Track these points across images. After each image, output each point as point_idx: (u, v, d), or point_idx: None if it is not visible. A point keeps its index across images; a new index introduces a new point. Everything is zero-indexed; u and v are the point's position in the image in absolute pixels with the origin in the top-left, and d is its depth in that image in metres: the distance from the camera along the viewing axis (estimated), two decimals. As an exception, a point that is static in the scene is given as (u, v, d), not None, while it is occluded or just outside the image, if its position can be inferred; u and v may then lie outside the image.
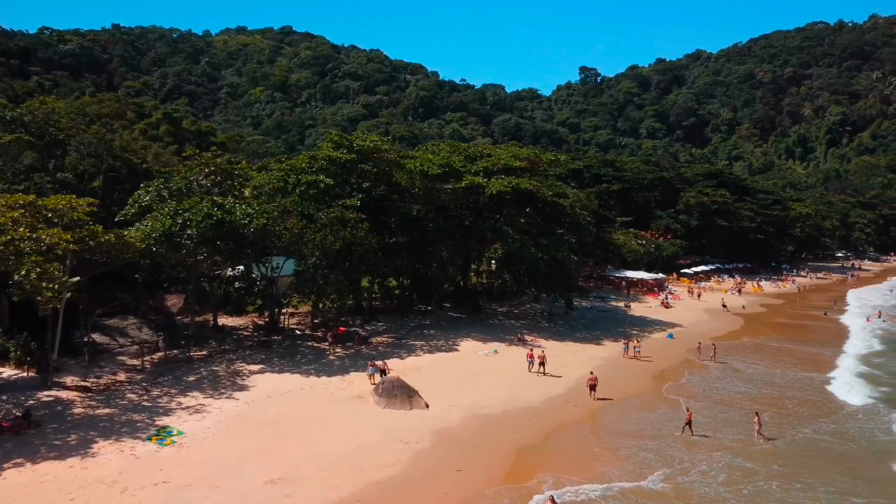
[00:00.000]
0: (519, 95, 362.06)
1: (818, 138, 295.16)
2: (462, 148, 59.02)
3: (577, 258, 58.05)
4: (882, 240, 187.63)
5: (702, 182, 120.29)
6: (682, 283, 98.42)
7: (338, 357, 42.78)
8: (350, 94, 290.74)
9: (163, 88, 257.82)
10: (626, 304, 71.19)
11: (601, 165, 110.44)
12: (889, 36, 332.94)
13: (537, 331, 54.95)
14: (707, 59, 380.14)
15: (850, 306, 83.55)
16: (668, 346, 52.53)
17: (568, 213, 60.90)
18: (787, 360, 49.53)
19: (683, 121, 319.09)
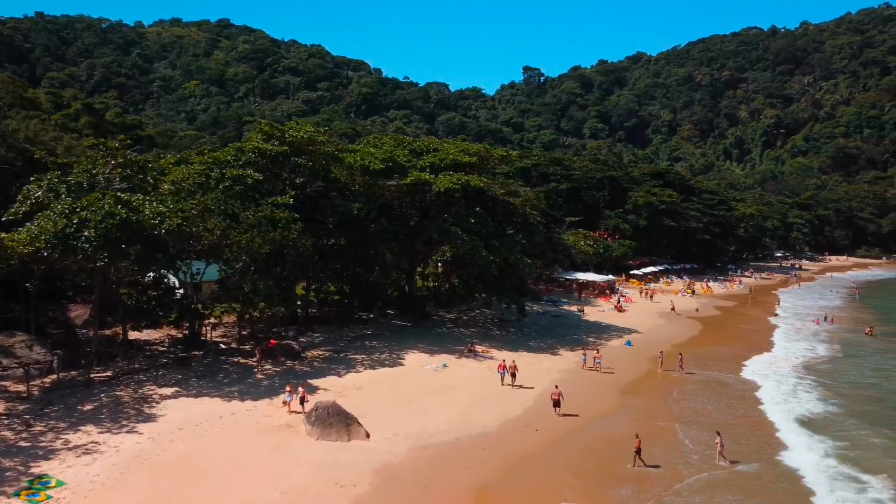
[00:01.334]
0: (463, 94, 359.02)
1: (754, 140, 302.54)
2: (407, 142, 54.48)
3: (530, 261, 54.23)
4: (817, 240, 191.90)
5: (649, 182, 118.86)
6: (632, 284, 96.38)
7: (267, 375, 37.67)
8: (290, 90, 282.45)
9: (90, 80, 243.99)
10: (580, 309, 67.98)
11: (549, 164, 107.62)
12: (819, 42, 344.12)
13: (489, 339, 50.89)
14: (647, 61, 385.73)
15: (799, 308, 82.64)
16: (627, 354, 49.19)
17: (520, 212, 57.18)
18: (751, 368, 46.91)
19: (625, 122, 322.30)
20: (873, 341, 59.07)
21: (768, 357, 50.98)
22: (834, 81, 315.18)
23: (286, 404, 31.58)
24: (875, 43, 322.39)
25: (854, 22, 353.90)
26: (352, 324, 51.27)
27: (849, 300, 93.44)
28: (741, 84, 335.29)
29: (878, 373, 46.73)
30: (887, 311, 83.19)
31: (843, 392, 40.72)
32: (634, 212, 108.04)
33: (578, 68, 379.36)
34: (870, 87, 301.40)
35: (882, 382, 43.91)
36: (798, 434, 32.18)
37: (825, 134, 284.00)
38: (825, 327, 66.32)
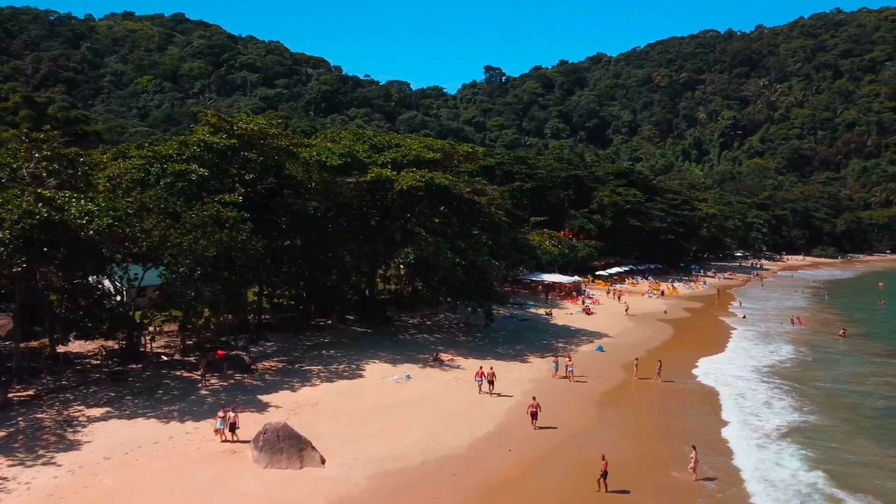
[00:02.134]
0: (424, 93, 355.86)
1: (712, 141, 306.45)
2: (367, 136, 51.25)
3: (498, 263, 51.55)
4: (775, 239, 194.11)
5: (613, 181, 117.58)
6: (598, 285, 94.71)
7: (212, 390, 34.16)
8: (248, 86, 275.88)
9: (36, 74, 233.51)
10: (548, 312, 65.61)
11: (514, 163, 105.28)
12: (773, 46, 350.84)
13: (454, 346, 48.04)
14: (608, 62, 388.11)
15: (767, 310, 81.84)
16: (600, 361, 46.82)
17: (486, 212, 54.44)
18: (728, 374, 45.00)
19: (586, 122, 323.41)
20: (844, 344, 57.92)
21: (741, 362, 49.14)
22: (788, 84, 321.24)
23: (219, 432, 27.50)
24: (827, 47, 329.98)
25: (807, 26, 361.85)
26: (308, 331, 47.83)
27: (815, 300, 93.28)
28: (699, 86, 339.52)
29: (851, 377, 45.26)
30: (852, 310, 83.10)
31: (818, 400, 38.95)
32: (599, 211, 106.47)
33: (540, 68, 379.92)
34: (822, 90, 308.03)
35: (856, 388, 42.36)
36: (772, 449, 30.12)
37: (780, 135, 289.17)
38: (796, 329, 65.24)
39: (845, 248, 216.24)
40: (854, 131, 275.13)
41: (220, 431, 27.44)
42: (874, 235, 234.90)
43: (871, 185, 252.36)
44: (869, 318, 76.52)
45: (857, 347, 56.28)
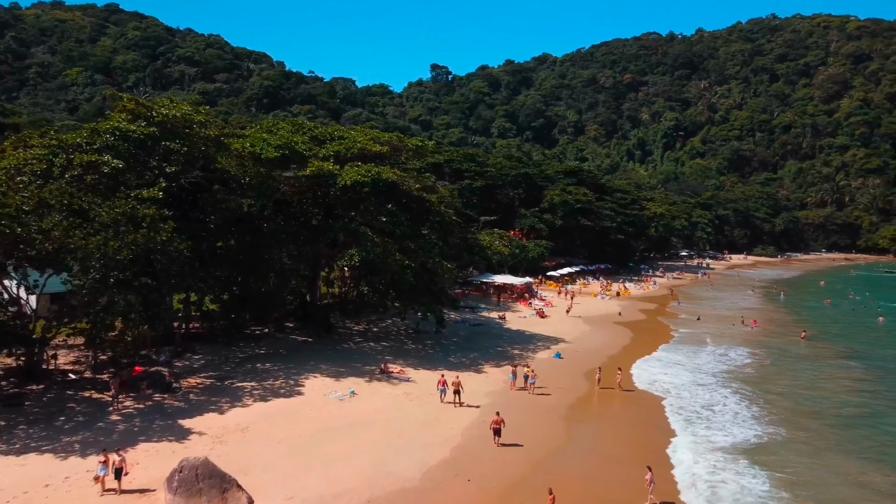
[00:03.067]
0: (370, 91, 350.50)
1: (655, 142, 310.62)
2: (308, 127, 47.03)
3: (450, 265, 48.06)
4: (718, 239, 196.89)
5: (563, 180, 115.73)
6: (549, 286, 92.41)
7: (125, 415, 29.62)
8: (185, 80, 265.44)
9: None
10: (501, 316, 62.54)
11: (463, 160, 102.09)
12: (713, 49, 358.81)
13: (403, 356, 44.35)
14: (553, 62, 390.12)
15: (720, 310, 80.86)
16: (559, 369, 43.83)
17: (437, 210, 50.97)
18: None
19: (532, 121, 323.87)
20: (804, 346, 56.59)
21: (702, 367, 46.98)
22: (728, 87, 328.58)
23: (98, 480, 22.11)
24: (764, 51, 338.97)
25: (744, 31, 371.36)
26: (242, 341, 43.37)
27: (766, 300, 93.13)
28: (642, 87, 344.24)
29: (814, 382, 43.56)
30: (802, 310, 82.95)
31: (784, 409, 36.95)
32: (550, 211, 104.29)
33: (486, 68, 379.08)
34: (760, 93, 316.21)
35: (819, 394, 40.50)
36: (738, 468, 27.62)
37: (721, 137, 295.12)
38: (753, 331, 63.90)
39: (783, 247, 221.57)
40: (790, 133, 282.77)
41: (101, 479, 22.11)
42: (810, 235, 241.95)
43: (807, 185, 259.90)
44: (820, 317, 76.28)
45: (817, 350, 55.02)
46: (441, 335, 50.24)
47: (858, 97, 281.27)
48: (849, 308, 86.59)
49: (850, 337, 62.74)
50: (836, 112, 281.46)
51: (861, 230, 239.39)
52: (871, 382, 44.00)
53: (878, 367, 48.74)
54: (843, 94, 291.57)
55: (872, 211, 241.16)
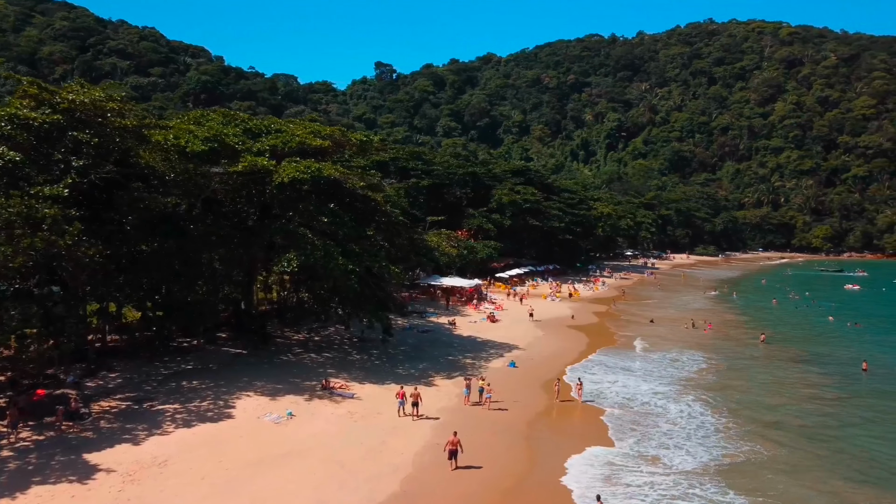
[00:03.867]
0: (313, 88, 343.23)
1: (598, 142, 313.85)
2: (241, 119, 42.96)
3: (397, 269, 44.69)
4: (661, 238, 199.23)
5: (511, 179, 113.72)
6: (499, 287, 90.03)
7: (20, 450, 25.30)
8: (117, 74, 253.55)
9: None
10: (451, 321, 59.54)
11: (409, 158, 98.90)
12: (654, 52, 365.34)
13: (347, 368, 40.85)
14: (498, 62, 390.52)
15: (672, 312, 79.89)
16: (514, 380, 41.08)
17: (383, 210, 47.63)
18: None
19: (478, 121, 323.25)
20: (763, 350, 55.42)
21: (660, 374, 45.07)
22: (668, 89, 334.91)
23: None
24: (702, 54, 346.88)
25: (684, 34, 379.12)
26: (167, 355, 39.07)
27: (716, 301, 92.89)
28: (585, 88, 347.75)
29: (775, 390, 41.98)
30: (750, 310, 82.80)
31: (749, 416, 35.16)
32: (498, 210, 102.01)
33: (431, 66, 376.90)
34: (699, 96, 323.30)
35: (785, 403, 38.83)
36: (712, 490, 25.40)
37: (662, 138, 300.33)
38: (708, 334, 62.61)
39: (723, 246, 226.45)
40: (728, 135, 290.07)
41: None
42: (747, 234, 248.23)
43: (744, 186, 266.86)
44: (771, 318, 75.82)
45: (774, 353, 53.88)
46: (388, 344, 46.88)
47: (792, 101, 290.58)
48: (793, 308, 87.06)
49: (805, 338, 62.16)
50: (771, 115, 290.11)
51: (795, 230, 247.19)
52: (833, 388, 42.76)
53: (837, 372, 47.70)
54: (777, 97, 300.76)
55: (805, 211, 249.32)
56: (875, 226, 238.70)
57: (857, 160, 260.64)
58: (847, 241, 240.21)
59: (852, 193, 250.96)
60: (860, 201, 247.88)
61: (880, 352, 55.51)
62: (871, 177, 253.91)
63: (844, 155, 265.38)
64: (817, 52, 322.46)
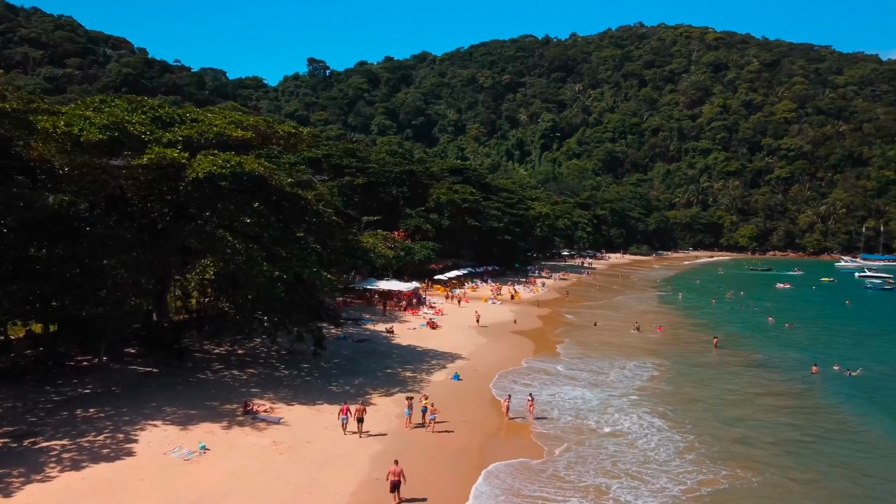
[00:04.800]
0: (243, 83, 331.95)
1: (533, 142, 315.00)
2: (150, 105, 37.93)
3: (330, 276, 40.48)
4: (596, 238, 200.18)
5: (449, 178, 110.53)
6: (437, 290, 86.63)
7: None
8: (30, 64, 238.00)
9: None
10: (389, 329, 55.63)
11: (343, 155, 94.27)
12: (586, 53, 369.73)
13: (274, 386, 36.50)
14: (433, 61, 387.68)
15: (619, 314, 78.22)
16: (459, 395, 37.66)
17: (314, 210, 43.42)
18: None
19: (413, 120, 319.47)
20: (715, 355, 53.78)
21: (613, 383, 42.64)
22: (600, 90, 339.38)
23: None
24: (633, 57, 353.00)
25: (615, 37, 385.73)
26: (61, 378, 33.82)
27: (659, 302, 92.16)
28: (520, 88, 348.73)
29: (737, 401, 39.96)
30: (694, 311, 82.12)
31: (717, 434, 32.84)
32: (436, 210, 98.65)
33: (365, 64, 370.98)
34: (630, 98, 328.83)
35: (750, 415, 36.82)
36: None
37: (595, 138, 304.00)
38: (658, 338, 60.86)
39: (655, 245, 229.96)
40: (658, 136, 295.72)
41: None
42: (678, 234, 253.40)
43: (675, 186, 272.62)
44: (715, 320, 74.87)
45: (728, 358, 52.23)
46: (320, 357, 42.66)
47: (718, 103, 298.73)
48: (730, 308, 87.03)
49: (751, 341, 61.21)
50: (699, 117, 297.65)
51: (723, 229, 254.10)
52: (793, 397, 41.13)
53: (792, 377, 46.34)
54: (705, 100, 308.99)
55: (733, 211, 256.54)
56: (797, 225, 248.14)
57: (779, 162, 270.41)
58: (771, 240, 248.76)
59: (775, 194, 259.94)
60: (783, 202, 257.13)
61: (821, 353, 54.80)
62: (792, 178, 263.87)
63: (768, 157, 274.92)
64: (741, 57, 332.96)
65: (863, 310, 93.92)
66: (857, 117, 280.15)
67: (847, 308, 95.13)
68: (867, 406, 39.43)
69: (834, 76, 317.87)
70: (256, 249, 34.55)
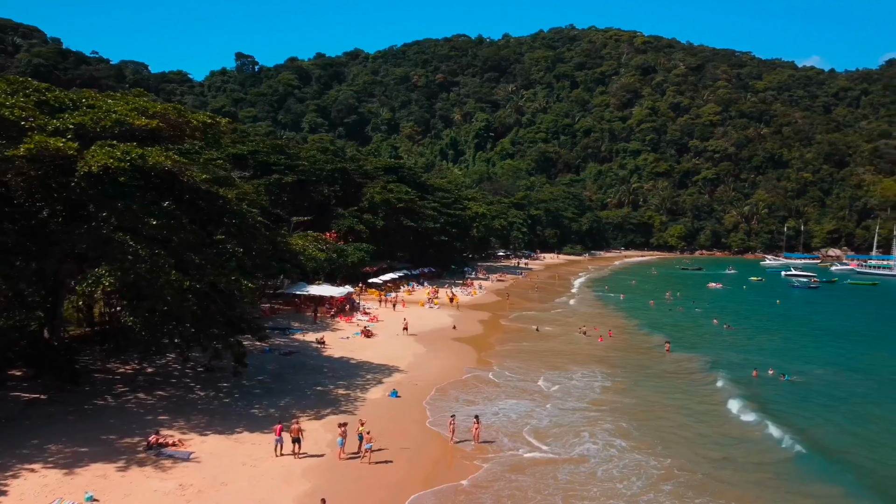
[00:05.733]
0: (166, 77, 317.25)
1: (467, 142, 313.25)
2: (34, 87, 32.51)
3: (251, 284, 35.87)
4: (531, 238, 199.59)
5: (383, 177, 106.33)
6: (371, 294, 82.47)
7: None
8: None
9: None
10: (320, 339, 51.18)
11: (270, 151, 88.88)
12: (519, 54, 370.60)
13: (186, 411, 31.88)
14: (365, 58, 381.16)
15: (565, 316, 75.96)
16: (398, 415, 33.94)
17: (235, 210, 38.90)
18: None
19: (345, 117, 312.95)
20: (669, 361, 51.88)
21: (566, 396, 39.82)
22: (533, 91, 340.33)
23: None
24: (565, 59, 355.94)
25: (547, 39, 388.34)
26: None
27: (603, 304, 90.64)
28: (454, 87, 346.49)
29: (702, 413, 37.69)
30: (635, 312, 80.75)
31: (694, 455, 30.29)
32: (370, 210, 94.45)
33: (296, 60, 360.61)
34: (563, 99, 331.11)
35: (719, 431, 34.35)
36: None
37: (528, 139, 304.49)
38: (604, 343, 58.58)
39: (588, 245, 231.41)
40: (590, 137, 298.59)
41: None
42: (610, 234, 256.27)
43: (607, 187, 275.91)
44: (660, 322, 73.37)
45: (682, 365, 50.29)
46: (242, 375, 38.16)
47: (648, 106, 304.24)
48: (668, 309, 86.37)
49: (704, 345, 59.75)
50: (629, 119, 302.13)
51: (653, 229, 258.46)
52: (762, 405, 39.08)
53: (751, 383, 44.74)
54: (635, 102, 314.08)
55: (662, 211, 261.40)
56: (723, 225, 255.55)
57: (706, 163, 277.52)
58: (699, 239, 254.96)
59: (702, 195, 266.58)
60: (709, 202, 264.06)
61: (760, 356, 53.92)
62: (718, 179, 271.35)
63: (695, 158, 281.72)
64: (668, 61, 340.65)
65: (793, 309, 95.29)
66: (776, 121, 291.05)
67: (778, 307, 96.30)
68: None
69: (754, 81, 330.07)
70: (163, 255, 29.87)
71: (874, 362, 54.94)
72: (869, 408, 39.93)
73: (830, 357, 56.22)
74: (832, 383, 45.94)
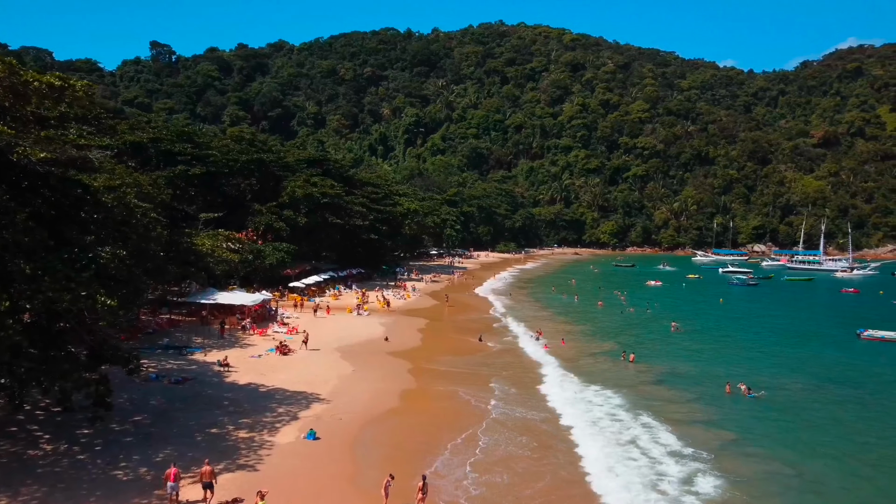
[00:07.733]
0: (73, 65, 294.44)
1: (397, 137, 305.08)
2: None
3: (112, 301, 26.63)
4: (464, 236, 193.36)
5: (306, 170, 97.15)
6: (292, 300, 73.47)
7: None
8: None
9: None
10: (223, 360, 42.05)
11: (175, 140, 78.42)
12: (449, 49, 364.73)
13: (18, 479, 22.89)
14: (290, 50, 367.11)
15: (512, 320, 69.06)
16: (315, 468, 25.86)
17: (105, 204, 29.89)
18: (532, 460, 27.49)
19: (269, 111, 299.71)
20: (632, 371, 45.73)
21: (533, 428, 32.66)
22: (464, 86, 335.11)
23: None
24: (495, 54, 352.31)
25: (476, 34, 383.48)
26: None
27: (549, 305, 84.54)
28: (382, 82, 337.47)
29: (679, 432, 31.39)
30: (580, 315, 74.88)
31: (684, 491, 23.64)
32: (291, 206, 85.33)
33: (216, 50, 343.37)
34: (493, 94, 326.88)
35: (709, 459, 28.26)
36: None
37: (459, 134, 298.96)
38: (563, 352, 51.91)
39: (521, 242, 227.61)
40: (521, 133, 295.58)
41: None
42: (543, 231, 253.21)
43: (539, 183, 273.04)
44: (613, 326, 67.58)
45: (643, 375, 44.28)
46: (109, 417, 29.16)
47: (578, 102, 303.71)
48: (619, 311, 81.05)
49: (658, 352, 53.93)
50: (560, 115, 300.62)
51: (585, 226, 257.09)
52: (735, 422, 33.16)
53: (716, 396, 38.82)
54: (565, 98, 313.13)
55: (594, 208, 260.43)
56: (653, 222, 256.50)
57: (635, 160, 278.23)
58: (630, 236, 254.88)
59: (633, 191, 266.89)
60: (640, 199, 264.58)
61: (732, 368, 48.47)
62: (648, 176, 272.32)
63: (625, 155, 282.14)
64: (597, 59, 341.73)
65: (737, 307, 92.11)
66: (702, 119, 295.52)
67: (722, 306, 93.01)
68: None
69: (679, 80, 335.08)
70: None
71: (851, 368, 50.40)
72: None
73: (794, 364, 51.38)
74: (808, 401, 40.57)
